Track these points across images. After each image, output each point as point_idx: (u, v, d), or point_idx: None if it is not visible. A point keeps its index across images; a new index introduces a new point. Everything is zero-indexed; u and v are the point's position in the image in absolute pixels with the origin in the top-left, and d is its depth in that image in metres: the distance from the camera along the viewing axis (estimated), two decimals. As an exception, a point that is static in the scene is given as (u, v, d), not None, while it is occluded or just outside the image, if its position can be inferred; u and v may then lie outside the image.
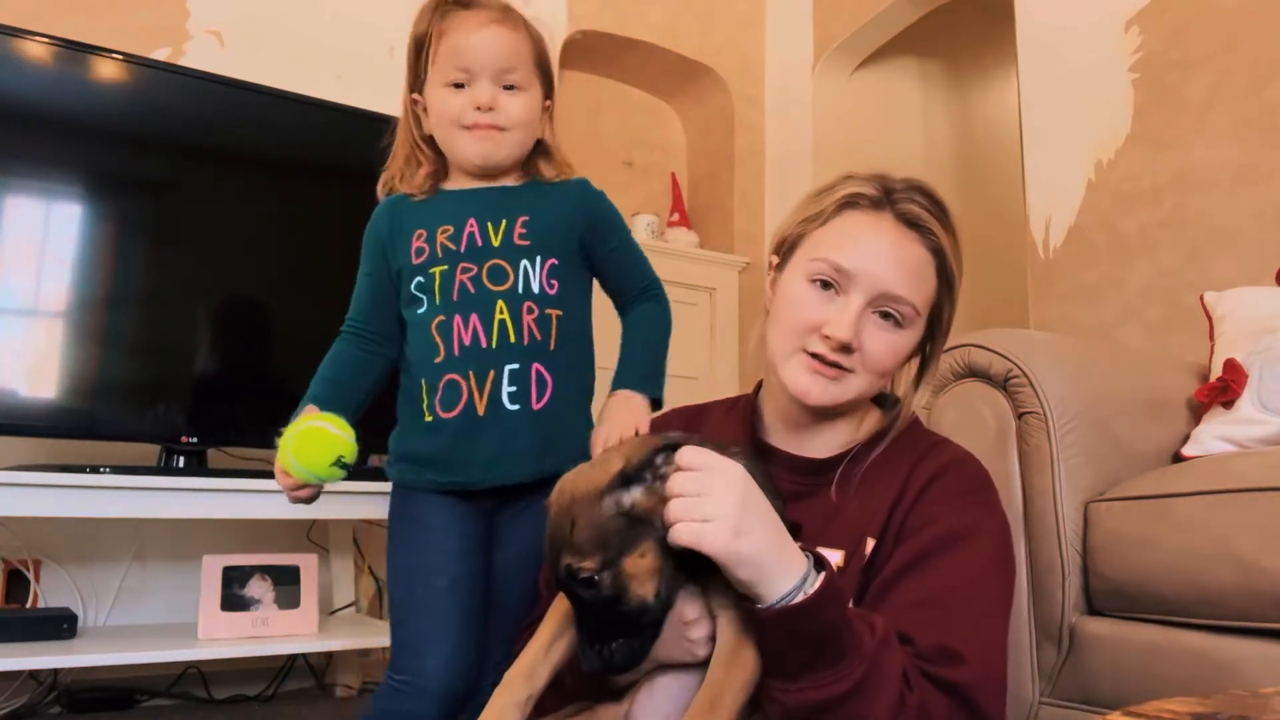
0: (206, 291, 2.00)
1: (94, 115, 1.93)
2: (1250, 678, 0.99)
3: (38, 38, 1.86)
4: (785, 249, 1.00)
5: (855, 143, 3.26)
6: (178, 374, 1.95)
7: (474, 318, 1.17)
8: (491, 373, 1.16)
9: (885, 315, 0.93)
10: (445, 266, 1.20)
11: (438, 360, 1.19)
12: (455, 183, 1.26)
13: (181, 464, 1.93)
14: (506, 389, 1.16)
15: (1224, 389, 1.32)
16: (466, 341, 1.17)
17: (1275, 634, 1.00)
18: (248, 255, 2.07)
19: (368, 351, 1.27)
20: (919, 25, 3.07)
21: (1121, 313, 2.12)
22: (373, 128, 2.24)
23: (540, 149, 1.26)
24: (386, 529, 1.25)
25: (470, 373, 1.17)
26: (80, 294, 1.87)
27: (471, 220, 1.20)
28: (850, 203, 0.96)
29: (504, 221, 1.20)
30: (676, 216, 3.35)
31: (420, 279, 1.21)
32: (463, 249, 1.20)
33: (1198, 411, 1.37)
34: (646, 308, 1.26)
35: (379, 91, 2.50)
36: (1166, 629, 1.10)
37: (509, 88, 1.19)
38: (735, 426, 1.04)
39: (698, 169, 3.52)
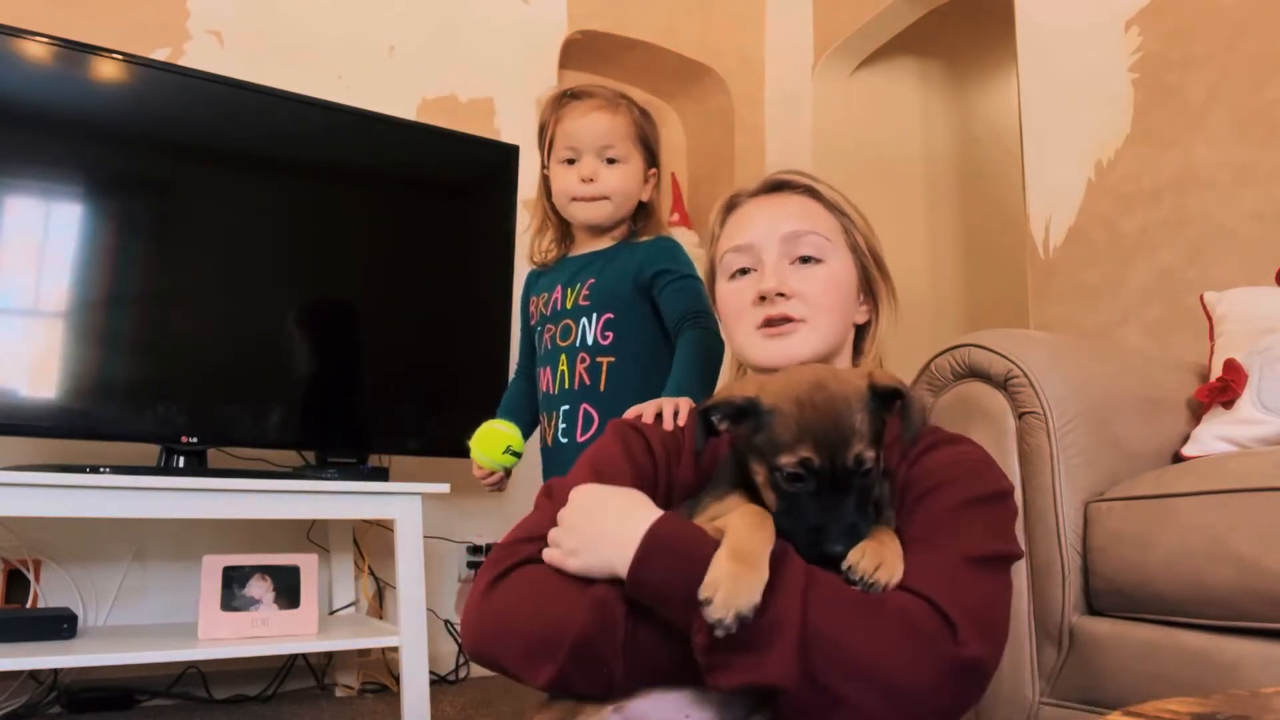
0: (207, 291, 2.01)
1: (94, 115, 1.93)
2: (1250, 678, 0.99)
3: (38, 38, 1.86)
4: (710, 276, 1.11)
5: (855, 143, 3.26)
6: (178, 374, 1.95)
7: (548, 370, 1.49)
8: (555, 414, 1.47)
9: (804, 259, 1.01)
10: (540, 328, 1.53)
11: (539, 400, 1.54)
12: (576, 245, 1.56)
13: (181, 464, 1.93)
14: (560, 425, 1.45)
15: (1224, 389, 1.32)
16: (544, 388, 1.51)
17: (1275, 634, 1.00)
18: (248, 255, 2.07)
19: (529, 385, 1.60)
20: (919, 25, 3.07)
21: (1121, 313, 2.12)
22: (372, 128, 2.27)
23: (644, 210, 1.53)
24: None
25: (544, 413, 1.51)
26: (80, 294, 1.87)
27: (559, 287, 1.50)
28: (730, 206, 1.09)
29: (577, 286, 1.48)
30: (676, 216, 3.35)
31: (536, 335, 1.55)
32: (548, 312, 1.51)
33: (1198, 411, 1.37)
34: (685, 336, 1.40)
35: (379, 91, 2.51)
36: (1166, 629, 1.10)
37: (611, 161, 1.47)
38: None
39: (698, 169, 3.52)
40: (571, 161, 1.48)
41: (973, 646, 0.77)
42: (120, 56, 1.96)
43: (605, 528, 0.82)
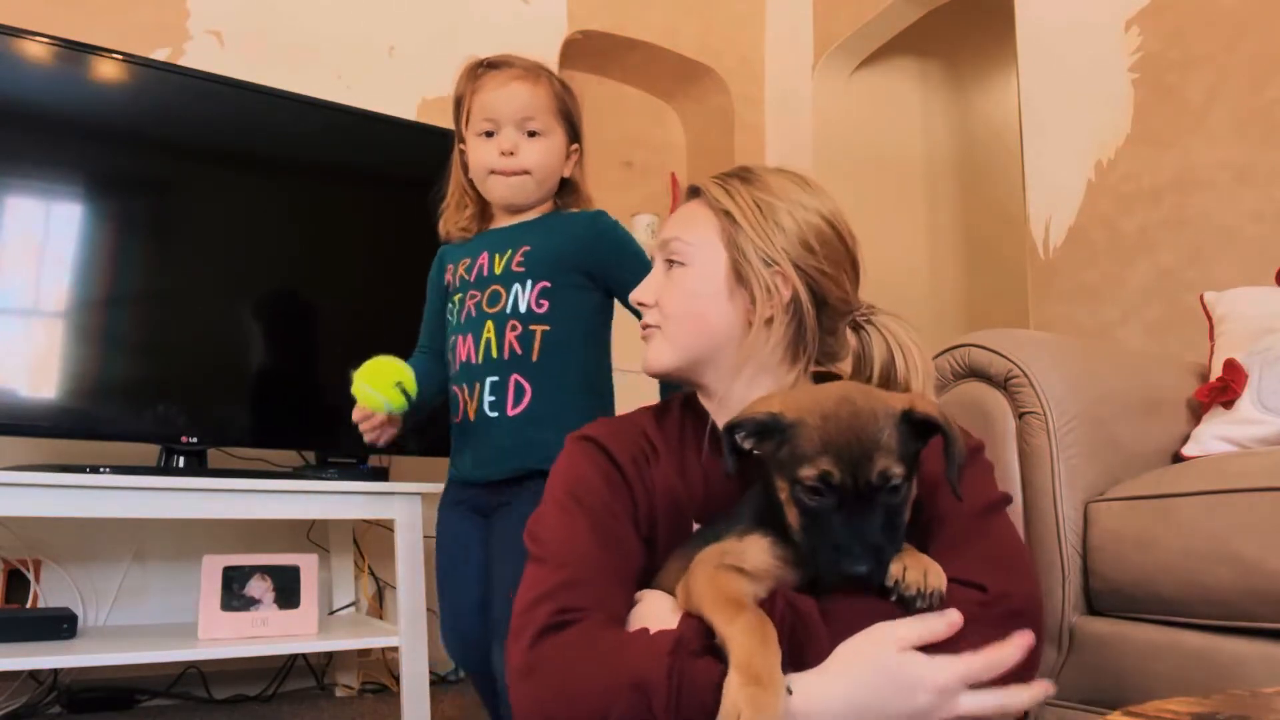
0: (206, 291, 2.00)
1: (94, 115, 1.93)
2: (1250, 678, 0.99)
3: (38, 38, 1.86)
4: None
5: (855, 143, 3.26)
6: (178, 374, 1.95)
7: (470, 338, 1.39)
8: (478, 385, 1.37)
9: (671, 265, 1.01)
10: (460, 294, 1.42)
11: (453, 373, 1.43)
12: (496, 222, 1.47)
13: (181, 464, 1.93)
14: (487, 398, 1.36)
15: (1224, 389, 1.32)
16: (463, 358, 1.40)
17: (1275, 634, 1.00)
18: (248, 255, 2.07)
19: (432, 363, 1.51)
20: (919, 25, 3.07)
21: (1121, 313, 2.12)
22: (372, 128, 2.27)
23: (567, 187, 1.47)
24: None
25: (464, 385, 1.40)
26: (80, 294, 1.87)
27: (484, 254, 1.42)
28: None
29: (509, 252, 1.39)
30: (677, 217, 3.35)
31: (450, 304, 1.45)
32: (472, 278, 1.41)
33: (1198, 411, 1.37)
34: None
35: (379, 91, 2.51)
36: (1166, 629, 1.10)
37: (532, 134, 1.39)
38: (687, 433, 1.01)
39: (698, 169, 3.52)
40: (490, 134, 1.39)
41: (1008, 597, 0.80)
42: (120, 56, 1.96)
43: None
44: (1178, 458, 1.32)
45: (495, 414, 1.35)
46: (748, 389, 0.96)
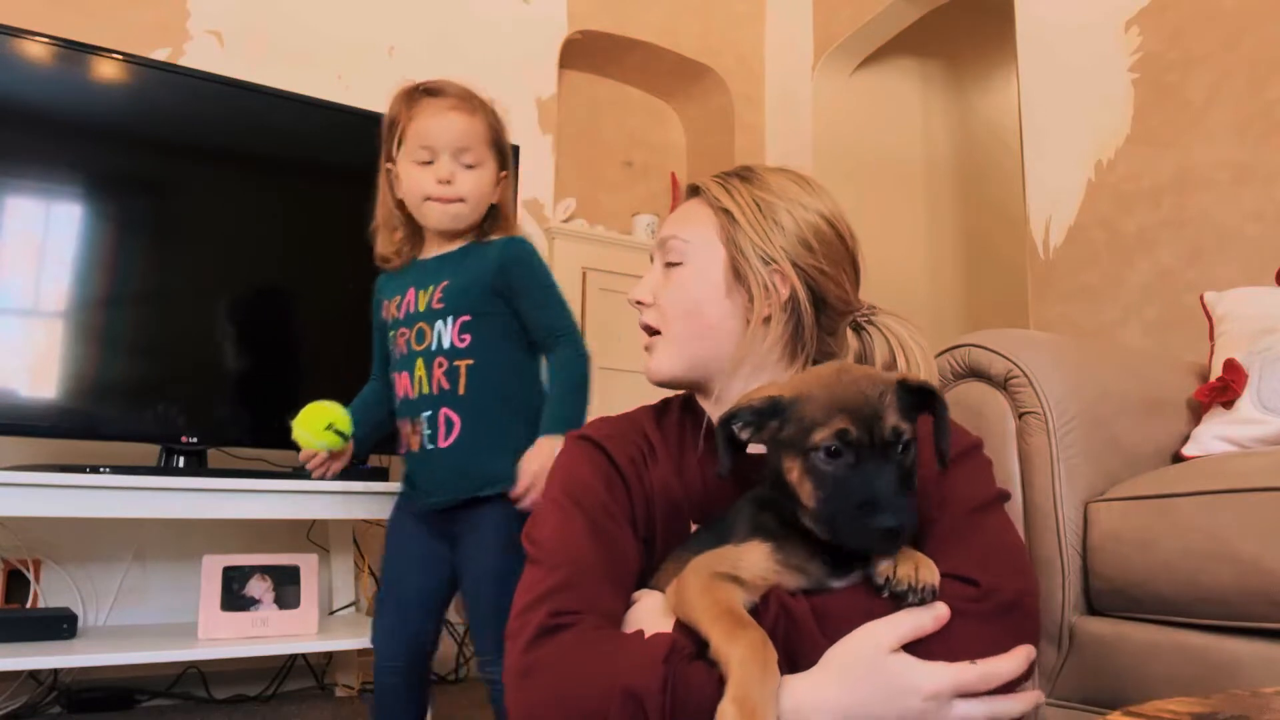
0: (206, 291, 2.01)
1: (94, 115, 1.93)
2: (1250, 678, 0.99)
3: (38, 38, 1.86)
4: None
5: (855, 143, 3.26)
6: (178, 374, 1.95)
7: (405, 375, 1.44)
8: (418, 420, 1.43)
9: (669, 264, 1.00)
10: (393, 331, 1.47)
11: (396, 407, 1.49)
12: (427, 248, 1.50)
13: (181, 464, 1.93)
14: (425, 432, 1.42)
15: (1224, 389, 1.32)
16: (401, 394, 1.46)
17: (1275, 634, 1.00)
18: (248, 255, 2.07)
19: (383, 388, 1.55)
20: (919, 25, 3.07)
21: (1121, 313, 2.12)
22: (372, 128, 2.26)
23: (495, 214, 1.50)
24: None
25: (405, 419, 1.46)
26: (80, 294, 1.87)
27: (411, 290, 1.45)
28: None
29: (430, 288, 1.43)
30: (676, 216, 3.35)
31: (389, 339, 1.49)
32: (401, 315, 1.46)
33: (1198, 411, 1.37)
34: (557, 356, 1.42)
35: (379, 91, 2.49)
36: (1166, 629, 1.10)
37: (467, 165, 1.43)
38: (686, 433, 1.00)
39: (698, 169, 3.52)
40: (427, 162, 1.43)
41: (1000, 591, 0.79)
42: (120, 56, 1.96)
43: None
44: (1178, 458, 1.32)
45: (432, 446, 1.41)
46: (745, 387, 0.96)
